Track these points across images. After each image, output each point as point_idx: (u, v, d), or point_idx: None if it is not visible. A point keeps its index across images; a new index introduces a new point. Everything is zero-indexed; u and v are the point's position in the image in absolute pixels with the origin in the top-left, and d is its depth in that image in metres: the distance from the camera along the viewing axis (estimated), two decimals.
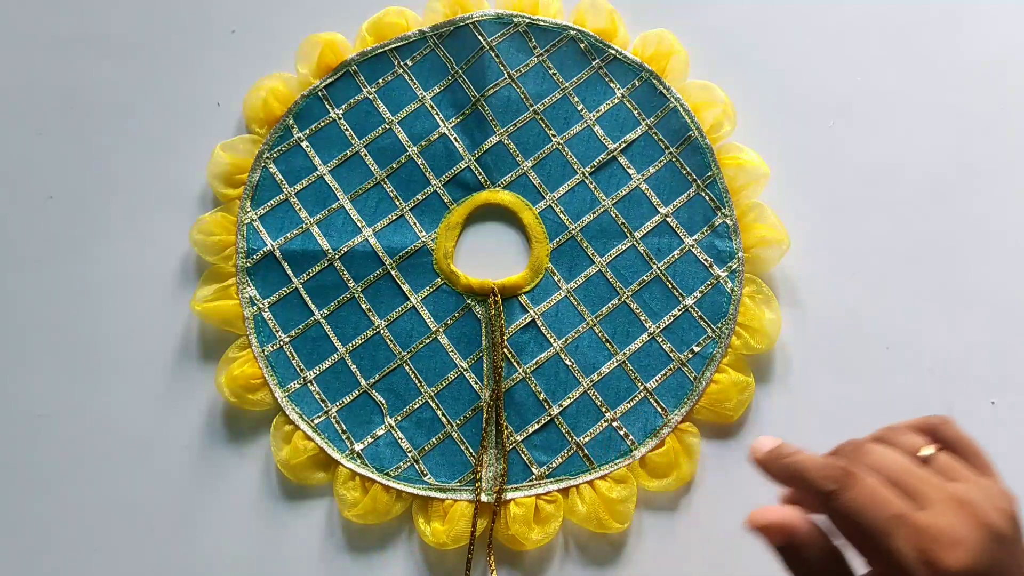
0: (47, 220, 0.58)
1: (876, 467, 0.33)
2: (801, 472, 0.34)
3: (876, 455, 0.33)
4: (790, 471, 0.34)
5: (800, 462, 0.34)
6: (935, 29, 0.60)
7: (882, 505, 0.31)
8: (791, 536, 0.34)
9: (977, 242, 0.55)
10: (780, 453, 0.35)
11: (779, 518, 0.34)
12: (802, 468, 0.34)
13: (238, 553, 0.51)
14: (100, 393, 0.55)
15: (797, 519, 0.34)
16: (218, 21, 0.62)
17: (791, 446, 0.35)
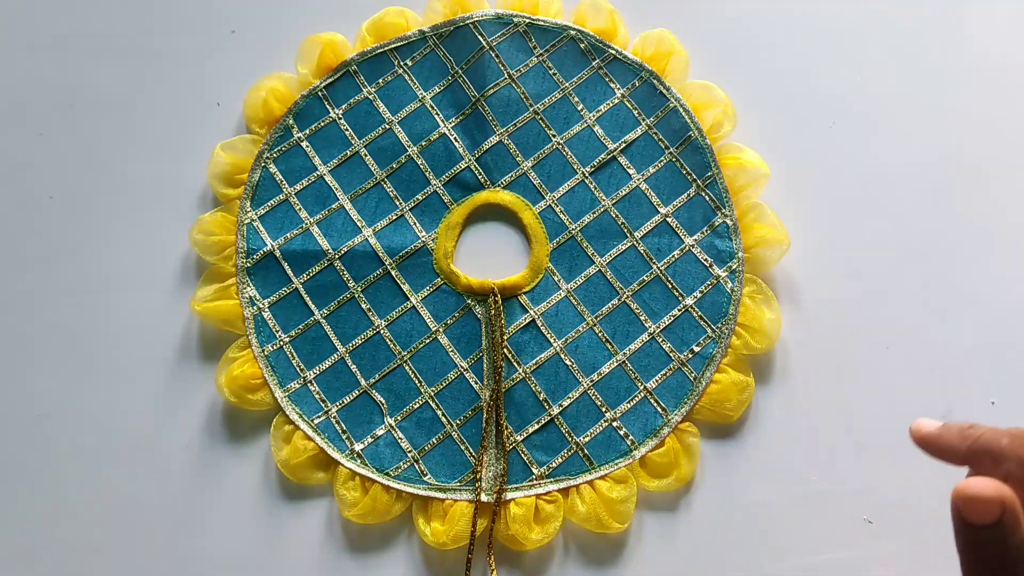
0: (48, 220, 0.58)
1: None
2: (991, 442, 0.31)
3: None
4: (975, 443, 0.31)
5: (987, 431, 0.31)
6: (935, 29, 0.60)
7: None
8: (1006, 514, 0.30)
9: (977, 242, 0.55)
10: (954, 426, 0.32)
11: (996, 493, 0.30)
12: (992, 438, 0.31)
13: (238, 553, 0.51)
14: (100, 393, 0.55)
15: (1012, 495, 0.30)
16: (218, 21, 0.62)
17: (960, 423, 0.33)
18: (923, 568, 0.50)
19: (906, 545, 0.50)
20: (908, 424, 0.53)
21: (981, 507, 0.31)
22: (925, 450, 0.34)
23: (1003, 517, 0.30)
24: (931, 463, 0.52)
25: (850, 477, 0.51)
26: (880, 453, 0.52)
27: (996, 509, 0.30)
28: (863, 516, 0.51)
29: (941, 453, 0.33)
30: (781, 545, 0.50)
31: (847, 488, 0.51)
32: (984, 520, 0.31)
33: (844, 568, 0.50)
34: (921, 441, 0.34)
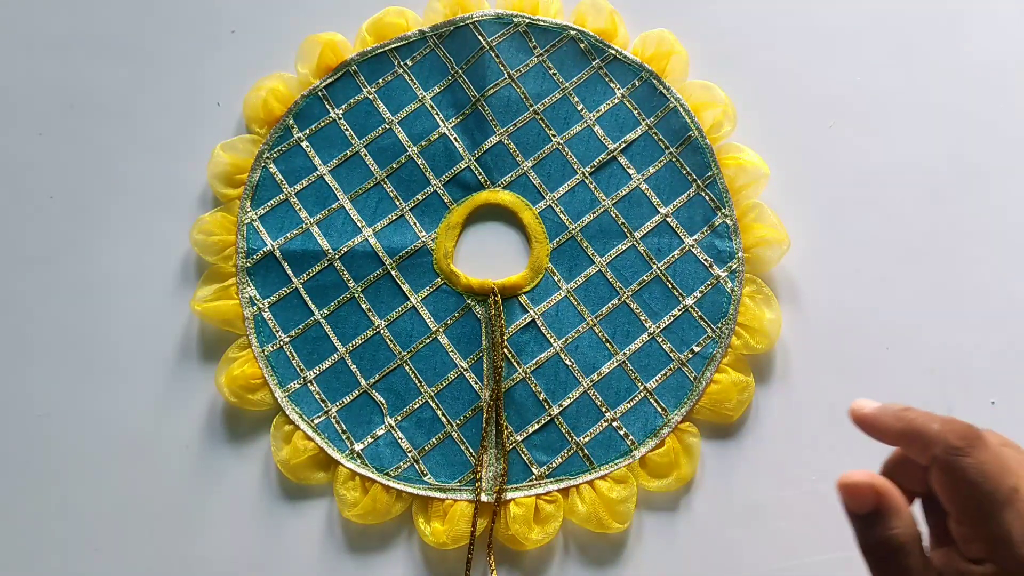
0: (48, 220, 0.58)
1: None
2: (923, 426, 0.32)
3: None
4: (907, 424, 0.33)
5: (921, 415, 0.32)
6: (935, 29, 0.60)
7: (1005, 473, 0.30)
8: (880, 502, 0.32)
9: (977, 242, 0.55)
10: (890, 408, 0.33)
11: (870, 480, 0.32)
12: (924, 422, 0.32)
13: (238, 553, 0.51)
14: (100, 393, 0.55)
15: (889, 486, 0.32)
16: (218, 21, 0.62)
17: (897, 405, 0.34)
18: None
19: None
20: None
21: (857, 496, 0.32)
22: (862, 428, 0.34)
23: (879, 506, 0.32)
24: None
25: None
26: (880, 453, 0.51)
27: (870, 498, 0.32)
28: None
29: (876, 433, 0.34)
30: (781, 545, 0.50)
31: None
32: (860, 508, 0.32)
33: (844, 568, 0.50)
34: (859, 420, 0.34)
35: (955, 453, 0.31)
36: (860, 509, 0.32)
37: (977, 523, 0.31)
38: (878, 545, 0.32)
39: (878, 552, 0.32)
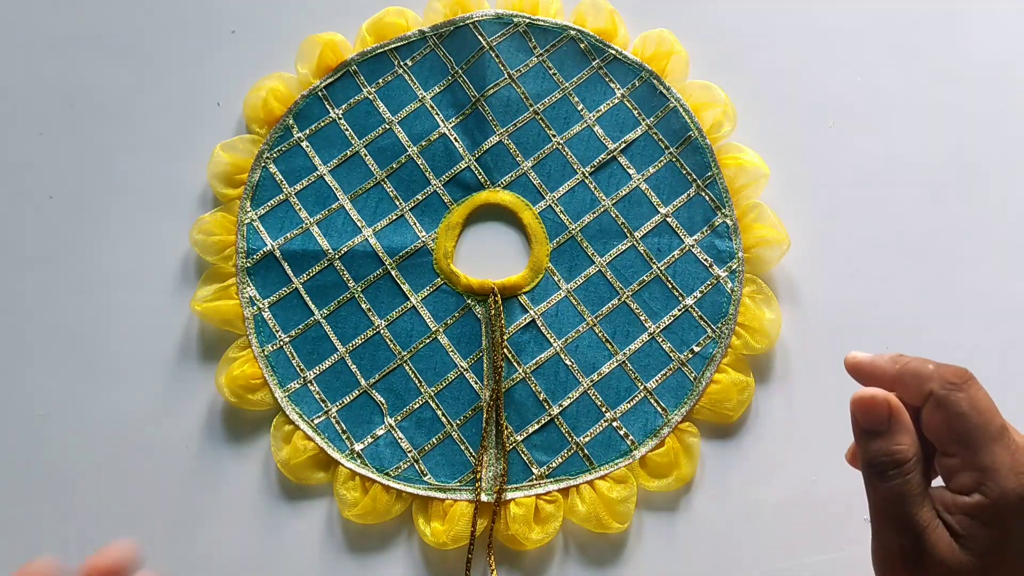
0: (48, 220, 0.58)
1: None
2: (919, 367, 0.34)
3: None
4: (904, 367, 0.34)
5: (915, 359, 0.34)
6: (935, 29, 0.60)
7: (995, 412, 0.33)
8: (893, 417, 0.34)
9: (977, 242, 0.55)
10: (884, 355, 0.35)
11: (886, 396, 0.34)
12: (920, 363, 0.34)
13: (238, 553, 0.51)
14: (100, 393, 0.55)
15: (901, 405, 0.34)
16: (218, 21, 0.62)
17: (889, 353, 0.36)
18: None
19: None
20: None
21: (873, 410, 0.34)
22: (857, 376, 0.36)
23: (891, 421, 0.33)
24: None
25: (850, 477, 0.51)
26: None
27: (885, 413, 0.33)
28: (863, 516, 0.51)
29: (872, 377, 0.35)
30: (781, 545, 0.50)
31: (847, 488, 0.51)
32: (874, 424, 0.34)
33: (844, 568, 0.50)
34: (854, 368, 0.36)
35: (951, 388, 0.33)
36: (873, 425, 0.34)
37: (969, 454, 0.32)
38: (884, 456, 0.33)
39: (883, 465, 0.33)
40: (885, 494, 0.34)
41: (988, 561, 0.32)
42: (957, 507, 0.33)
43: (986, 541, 0.32)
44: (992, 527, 0.32)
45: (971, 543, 0.32)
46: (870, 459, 0.34)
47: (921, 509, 0.33)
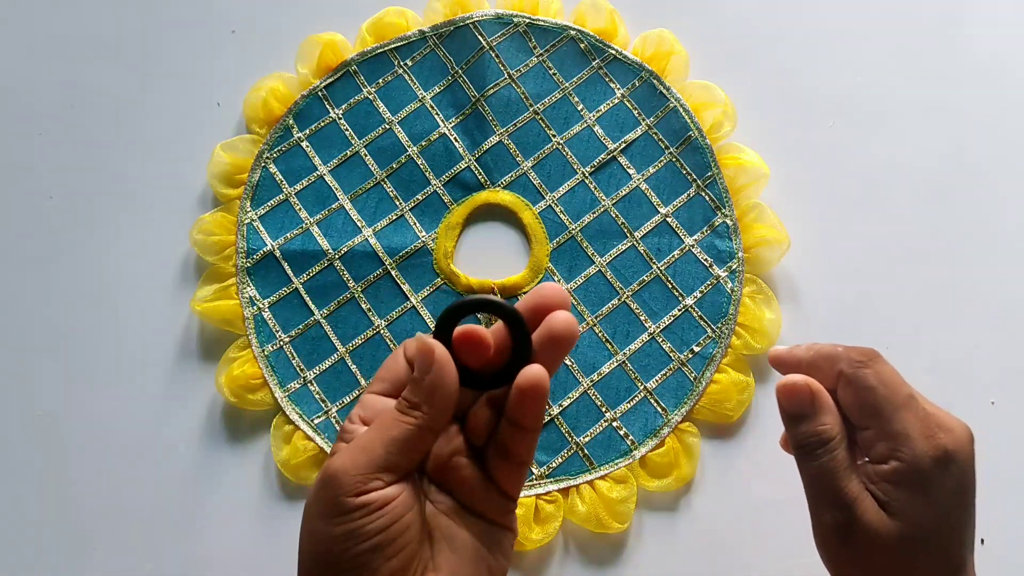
0: (47, 220, 0.58)
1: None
2: (830, 350, 0.36)
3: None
4: (817, 352, 0.37)
5: (826, 344, 0.37)
6: (935, 29, 0.60)
7: (901, 383, 0.36)
8: (814, 400, 0.36)
9: (977, 242, 0.55)
10: (800, 345, 0.38)
11: (807, 381, 0.36)
12: (830, 347, 0.37)
13: (238, 553, 0.51)
14: (100, 393, 0.55)
15: (821, 388, 0.36)
16: (218, 21, 0.62)
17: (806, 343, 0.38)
18: None
19: None
20: None
21: (796, 395, 0.36)
22: (780, 368, 0.38)
23: (814, 403, 0.36)
24: None
25: None
26: None
27: (807, 397, 0.36)
28: None
29: (792, 367, 0.38)
30: (781, 545, 0.50)
31: None
32: (798, 408, 0.36)
33: None
34: (777, 361, 0.38)
35: (858, 365, 0.35)
36: (798, 409, 0.36)
37: (881, 424, 0.35)
38: (812, 437, 0.36)
39: (810, 445, 0.36)
40: (815, 472, 0.36)
41: (915, 523, 0.34)
42: (879, 476, 0.35)
43: (909, 504, 0.34)
44: (912, 490, 0.34)
45: (896, 509, 0.34)
46: (799, 441, 0.36)
47: (849, 483, 0.35)
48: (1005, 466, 0.51)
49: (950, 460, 0.34)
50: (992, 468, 0.51)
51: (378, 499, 0.30)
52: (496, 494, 0.33)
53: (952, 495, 0.34)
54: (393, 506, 0.30)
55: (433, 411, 0.31)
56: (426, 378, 0.31)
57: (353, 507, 0.30)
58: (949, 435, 0.35)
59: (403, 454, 0.31)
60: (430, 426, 0.31)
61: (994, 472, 0.51)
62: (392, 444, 0.31)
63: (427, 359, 0.31)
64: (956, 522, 0.35)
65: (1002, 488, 0.51)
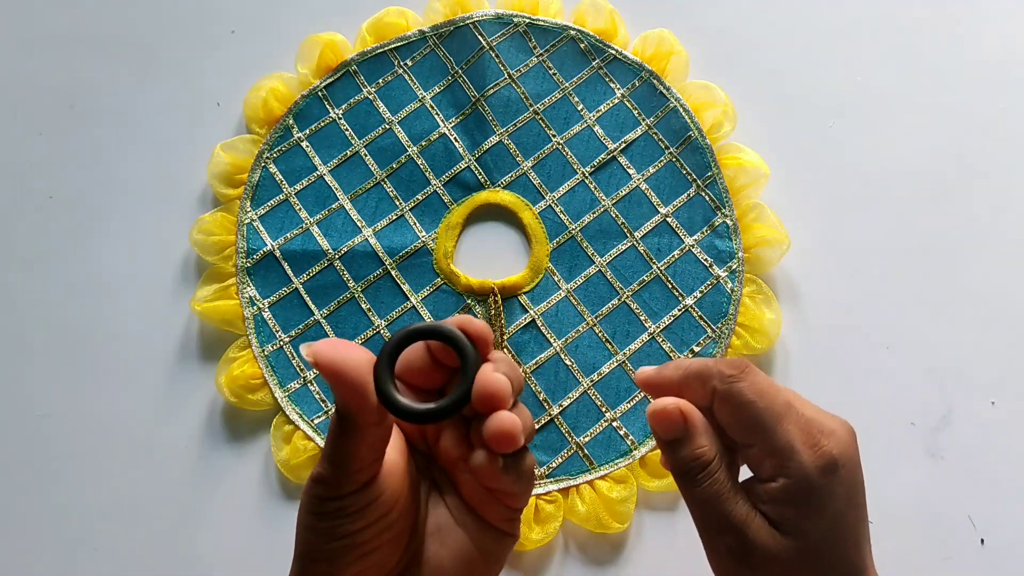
0: (47, 220, 0.58)
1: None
2: (700, 366, 0.34)
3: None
4: (686, 370, 0.35)
5: (696, 360, 0.35)
6: (935, 29, 0.60)
7: (777, 391, 0.33)
8: (688, 424, 0.34)
9: (977, 242, 0.55)
10: (669, 364, 0.36)
11: (677, 405, 0.34)
12: (700, 363, 0.34)
13: (238, 553, 0.51)
14: (100, 393, 0.55)
15: (694, 410, 0.34)
16: (218, 21, 0.62)
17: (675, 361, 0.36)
18: (923, 568, 0.50)
19: (906, 545, 0.50)
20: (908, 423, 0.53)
21: (667, 421, 0.34)
22: (651, 391, 0.36)
23: (687, 427, 0.34)
24: (930, 463, 0.52)
25: None
26: (880, 453, 0.52)
27: (679, 422, 0.34)
28: None
29: (663, 388, 0.35)
30: None
31: None
32: (671, 433, 0.34)
33: None
34: (644, 384, 0.36)
35: (730, 380, 0.33)
36: (671, 434, 0.34)
37: (763, 439, 0.33)
38: (689, 461, 0.34)
39: (689, 470, 0.34)
40: (700, 498, 0.34)
41: (810, 537, 0.33)
42: (768, 495, 0.33)
43: (802, 520, 0.33)
44: (803, 505, 0.33)
45: (790, 527, 0.33)
46: (678, 468, 0.34)
47: (736, 505, 0.33)
48: (1005, 466, 0.51)
49: (837, 466, 0.33)
50: (992, 468, 0.51)
51: (356, 502, 0.30)
52: (498, 502, 0.33)
53: (843, 500, 0.33)
54: (372, 507, 0.30)
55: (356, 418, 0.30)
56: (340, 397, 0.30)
57: (332, 510, 0.30)
58: (832, 438, 0.33)
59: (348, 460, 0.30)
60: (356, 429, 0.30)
61: (994, 472, 0.51)
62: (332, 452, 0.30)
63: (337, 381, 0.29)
64: (851, 524, 0.34)
65: (1002, 488, 0.51)
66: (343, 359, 0.28)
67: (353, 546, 0.30)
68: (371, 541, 0.31)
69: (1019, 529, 0.50)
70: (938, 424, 0.52)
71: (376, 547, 0.31)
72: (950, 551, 0.50)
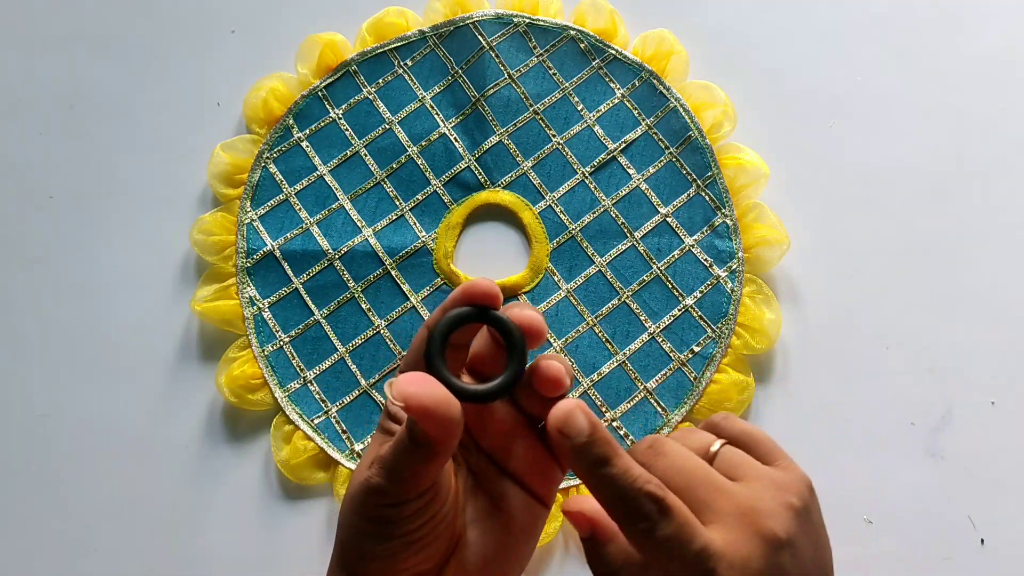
0: (48, 220, 0.58)
1: (671, 471, 0.31)
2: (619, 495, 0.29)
3: (671, 458, 0.31)
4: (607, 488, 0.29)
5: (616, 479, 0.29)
6: (935, 29, 0.60)
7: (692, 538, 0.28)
8: (594, 528, 0.32)
9: (977, 242, 0.55)
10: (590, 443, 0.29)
11: (580, 508, 0.32)
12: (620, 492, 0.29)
13: (238, 553, 0.51)
14: (100, 393, 0.55)
15: (601, 514, 0.31)
16: (218, 21, 0.62)
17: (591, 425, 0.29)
18: (923, 568, 0.50)
19: (906, 545, 0.50)
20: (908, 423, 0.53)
21: (574, 522, 0.32)
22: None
23: (593, 532, 0.31)
24: (930, 463, 0.52)
25: (850, 477, 0.51)
26: (880, 453, 0.52)
27: (586, 526, 0.31)
28: (863, 516, 0.51)
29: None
30: None
31: (847, 488, 0.51)
32: (581, 533, 0.32)
33: (844, 568, 0.50)
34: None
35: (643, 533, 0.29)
36: (581, 534, 0.32)
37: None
38: (599, 566, 0.32)
39: (599, 572, 0.32)
40: None
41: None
42: None
43: None
44: None
45: None
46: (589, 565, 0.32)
47: None
48: (1005, 466, 0.51)
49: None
50: (992, 468, 0.51)
51: (414, 506, 0.30)
52: (551, 465, 0.33)
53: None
54: (429, 507, 0.31)
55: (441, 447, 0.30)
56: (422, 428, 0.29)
57: (389, 516, 0.30)
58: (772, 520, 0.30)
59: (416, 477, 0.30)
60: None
61: (994, 472, 0.51)
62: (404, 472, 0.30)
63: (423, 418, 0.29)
64: None
65: (1002, 488, 0.51)
66: (432, 398, 0.28)
67: (408, 544, 0.31)
68: (425, 537, 0.31)
69: (1019, 529, 0.50)
70: (938, 424, 0.52)
71: (430, 542, 0.31)
72: (950, 551, 0.50)
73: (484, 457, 0.34)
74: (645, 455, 0.31)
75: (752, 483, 0.32)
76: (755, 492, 0.31)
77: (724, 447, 0.34)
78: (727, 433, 0.35)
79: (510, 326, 0.32)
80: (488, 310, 0.32)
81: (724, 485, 0.31)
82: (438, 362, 0.31)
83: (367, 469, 0.31)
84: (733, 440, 0.35)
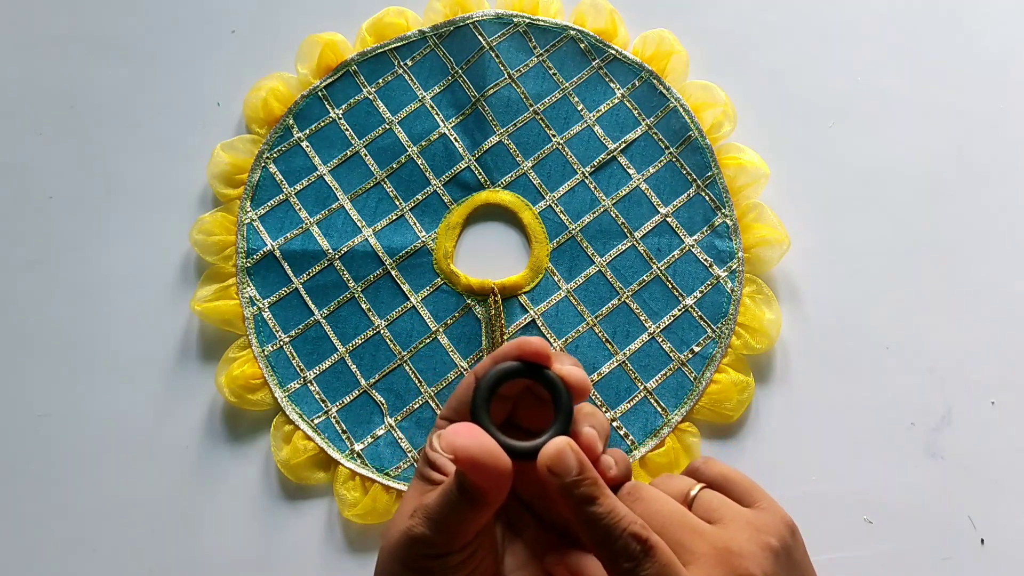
0: (48, 220, 0.58)
1: (646, 515, 0.31)
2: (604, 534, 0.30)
3: (647, 503, 0.32)
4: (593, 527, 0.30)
5: (601, 518, 0.30)
6: (935, 29, 0.60)
7: None
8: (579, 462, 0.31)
9: (977, 242, 0.55)
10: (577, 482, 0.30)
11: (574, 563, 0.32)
12: (606, 531, 0.30)
13: (238, 553, 0.51)
14: (100, 393, 0.55)
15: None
16: (218, 21, 0.62)
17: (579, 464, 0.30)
18: (923, 568, 0.50)
19: (906, 545, 0.50)
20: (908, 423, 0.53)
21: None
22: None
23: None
24: (930, 463, 0.52)
25: (850, 477, 0.51)
26: (880, 453, 0.52)
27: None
28: (863, 516, 0.51)
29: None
30: None
31: (847, 488, 0.51)
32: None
33: (844, 568, 0.50)
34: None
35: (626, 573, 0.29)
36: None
37: None
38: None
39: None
40: None
41: None
42: None
43: None
44: None
45: None
46: None
47: None
48: (1005, 466, 0.51)
49: None
50: (992, 468, 0.51)
51: (458, 557, 0.30)
52: None
53: None
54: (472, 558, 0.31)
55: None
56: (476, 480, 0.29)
57: (434, 567, 0.30)
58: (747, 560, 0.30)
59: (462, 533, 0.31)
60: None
61: (994, 472, 0.51)
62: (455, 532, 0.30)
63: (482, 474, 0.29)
64: None
65: (1002, 488, 0.51)
66: (482, 450, 0.29)
67: None
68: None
69: (1019, 529, 0.50)
70: (938, 424, 0.52)
71: None
72: (950, 551, 0.50)
73: (521, 506, 0.34)
74: (623, 500, 0.31)
75: (728, 524, 0.32)
76: (730, 533, 0.31)
77: (703, 491, 0.34)
78: (706, 477, 0.35)
79: (559, 386, 0.32)
80: (539, 367, 0.32)
81: (700, 527, 0.31)
82: (483, 414, 0.31)
83: (408, 519, 0.30)
84: (712, 483, 0.35)
